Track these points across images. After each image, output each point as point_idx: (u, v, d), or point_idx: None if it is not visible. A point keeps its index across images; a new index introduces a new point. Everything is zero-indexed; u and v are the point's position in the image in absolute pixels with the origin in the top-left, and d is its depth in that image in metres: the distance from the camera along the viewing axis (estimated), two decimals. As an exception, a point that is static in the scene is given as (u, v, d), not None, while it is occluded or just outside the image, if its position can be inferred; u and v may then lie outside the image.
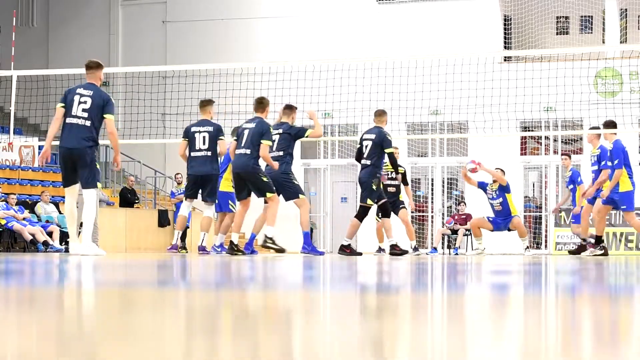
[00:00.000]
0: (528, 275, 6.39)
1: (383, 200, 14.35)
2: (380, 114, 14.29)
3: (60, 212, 21.18)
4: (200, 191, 14.14)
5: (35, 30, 29.95)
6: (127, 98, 21.27)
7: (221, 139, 13.81)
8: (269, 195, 12.96)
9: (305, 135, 13.75)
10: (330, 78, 20.18)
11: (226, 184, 14.94)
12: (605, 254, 14.81)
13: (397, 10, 26.43)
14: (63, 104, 11.33)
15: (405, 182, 16.11)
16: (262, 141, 12.73)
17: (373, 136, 13.87)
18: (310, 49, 26.17)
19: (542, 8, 25.62)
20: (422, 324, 2.53)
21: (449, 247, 22.79)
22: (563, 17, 26.10)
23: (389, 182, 16.53)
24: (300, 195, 13.50)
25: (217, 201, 14.37)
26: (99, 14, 29.33)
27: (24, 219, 19.91)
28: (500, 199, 17.23)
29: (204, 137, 13.81)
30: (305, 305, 3.32)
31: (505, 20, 25.95)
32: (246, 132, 12.86)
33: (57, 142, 11.67)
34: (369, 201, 13.89)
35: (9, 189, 21.59)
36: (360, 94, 22.04)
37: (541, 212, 25.17)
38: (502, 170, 17.37)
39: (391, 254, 14.44)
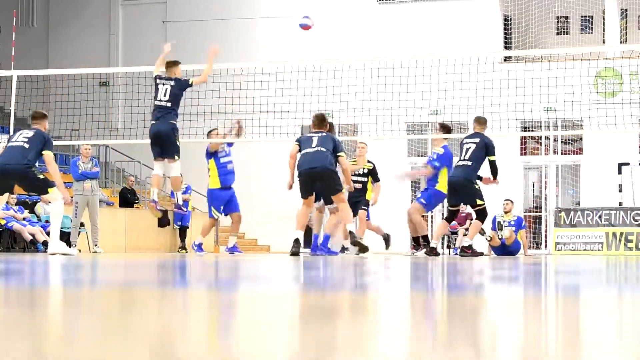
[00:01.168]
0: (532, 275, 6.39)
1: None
2: (483, 122, 14.66)
3: (60, 212, 21.16)
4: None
5: (35, 30, 29.93)
6: (127, 98, 21.24)
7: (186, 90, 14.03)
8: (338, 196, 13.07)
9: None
10: (330, 78, 20.15)
11: None
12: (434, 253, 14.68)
13: (397, 10, 26.42)
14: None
15: (376, 179, 16.24)
16: (340, 154, 12.98)
17: (477, 140, 14.23)
18: (310, 49, 26.16)
19: (542, 8, 25.61)
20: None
21: (448, 247, 22.79)
22: (563, 17, 26.08)
23: (354, 177, 16.69)
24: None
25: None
26: (99, 14, 29.31)
27: (23, 219, 19.91)
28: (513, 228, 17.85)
29: (166, 89, 13.90)
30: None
31: (505, 20, 25.94)
32: (315, 138, 13.05)
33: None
34: (479, 201, 14.18)
35: (9, 189, 21.58)
36: (360, 94, 22.02)
37: (541, 212, 25.17)
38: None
39: (462, 255, 14.60)
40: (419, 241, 15.19)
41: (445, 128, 15.52)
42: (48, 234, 19.73)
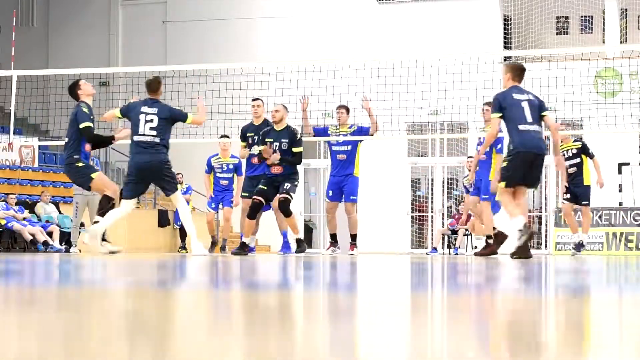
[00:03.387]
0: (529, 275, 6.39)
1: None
2: None
3: (60, 212, 21.17)
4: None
5: (35, 30, 29.93)
6: (127, 98, 21.23)
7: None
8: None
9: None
10: (330, 78, 20.16)
11: None
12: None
13: (397, 10, 26.41)
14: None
15: (590, 155, 16.66)
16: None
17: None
18: (310, 49, 26.16)
19: (542, 8, 25.60)
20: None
21: (449, 247, 22.80)
22: (563, 17, 26.08)
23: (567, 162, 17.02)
24: None
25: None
26: (99, 14, 29.31)
27: (24, 219, 19.91)
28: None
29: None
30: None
31: (505, 20, 25.94)
32: (526, 104, 11.10)
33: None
34: None
35: (9, 189, 21.58)
36: (360, 94, 22.01)
37: (541, 212, 25.16)
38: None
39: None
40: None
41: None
42: (49, 234, 19.77)
